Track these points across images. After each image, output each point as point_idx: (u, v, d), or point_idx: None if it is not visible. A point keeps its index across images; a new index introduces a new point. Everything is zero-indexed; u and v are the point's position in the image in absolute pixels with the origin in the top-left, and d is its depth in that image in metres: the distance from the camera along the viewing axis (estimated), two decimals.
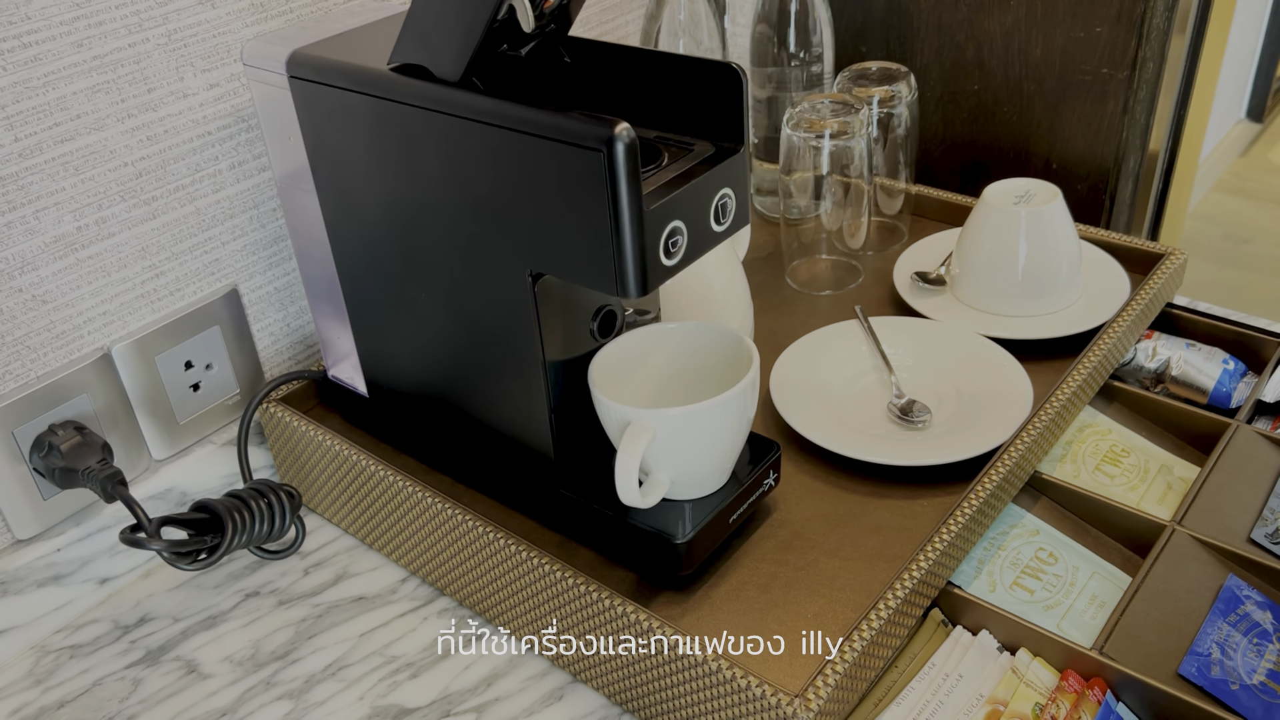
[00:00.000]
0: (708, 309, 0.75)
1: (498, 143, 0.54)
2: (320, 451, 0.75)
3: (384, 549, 0.75)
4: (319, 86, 0.62)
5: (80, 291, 0.71)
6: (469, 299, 0.62)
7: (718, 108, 0.59)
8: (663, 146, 0.59)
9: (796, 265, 0.95)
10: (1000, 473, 0.68)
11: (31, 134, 0.65)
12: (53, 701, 0.68)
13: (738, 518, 0.64)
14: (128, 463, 0.75)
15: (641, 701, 0.62)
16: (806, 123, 0.89)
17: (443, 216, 0.60)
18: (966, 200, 1.00)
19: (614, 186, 0.50)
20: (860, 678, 0.59)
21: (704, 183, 0.56)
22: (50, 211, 0.68)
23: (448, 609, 0.72)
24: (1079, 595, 0.67)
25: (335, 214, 0.68)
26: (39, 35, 0.64)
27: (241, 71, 0.75)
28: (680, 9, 0.96)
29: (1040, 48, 1.02)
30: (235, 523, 0.70)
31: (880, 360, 0.80)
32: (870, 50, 1.12)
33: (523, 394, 0.63)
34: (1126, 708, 0.61)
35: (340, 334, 0.75)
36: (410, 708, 0.65)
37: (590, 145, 0.50)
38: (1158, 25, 0.98)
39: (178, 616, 0.73)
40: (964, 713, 0.61)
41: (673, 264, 0.55)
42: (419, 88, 0.57)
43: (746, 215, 0.60)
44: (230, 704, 0.67)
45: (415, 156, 0.60)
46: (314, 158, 0.66)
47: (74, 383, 0.71)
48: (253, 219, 0.79)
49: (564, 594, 0.62)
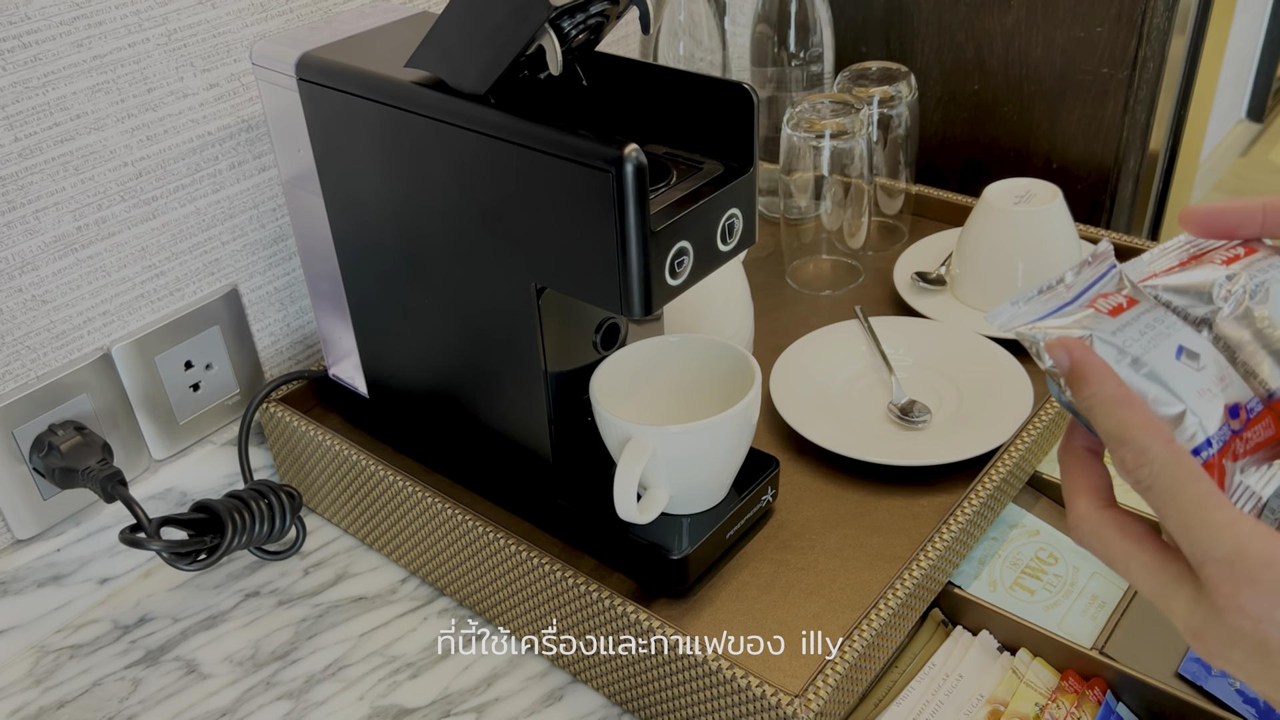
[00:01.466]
0: (708, 309, 0.75)
1: (507, 157, 0.54)
2: (320, 452, 0.75)
3: (384, 549, 0.75)
4: (328, 90, 0.62)
5: (80, 291, 0.71)
6: (472, 307, 0.62)
7: (728, 127, 0.58)
8: (671, 164, 0.59)
9: (797, 265, 0.95)
10: (1000, 473, 0.68)
11: (31, 134, 0.65)
12: (52, 701, 0.68)
13: (735, 533, 0.65)
14: (127, 463, 0.75)
15: (641, 702, 0.62)
16: (806, 123, 0.89)
17: (449, 225, 0.60)
18: (967, 200, 1.00)
19: (621, 207, 0.50)
20: (860, 678, 0.59)
21: (712, 203, 0.56)
22: (50, 211, 0.68)
23: (448, 609, 0.72)
24: (1079, 595, 0.67)
25: (340, 216, 0.68)
26: (39, 35, 0.64)
27: (242, 71, 0.75)
28: (680, 9, 0.96)
29: (1040, 47, 1.01)
30: (235, 523, 0.70)
31: (880, 360, 0.80)
32: (870, 50, 1.12)
33: (523, 402, 0.63)
34: (1127, 708, 0.61)
35: (342, 333, 0.75)
36: (410, 708, 0.65)
37: (599, 165, 0.50)
38: (1158, 25, 0.98)
39: (177, 617, 0.73)
40: (964, 713, 0.61)
41: (678, 284, 0.55)
42: (430, 98, 0.57)
43: (753, 235, 0.60)
44: (230, 704, 0.66)
45: (423, 165, 0.59)
46: (321, 160, 0.66)
47: (74, 382, 0.71)
48: (253, 219, 0.79)
49: (564, 594, 0.62)
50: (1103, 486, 0.40)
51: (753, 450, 0.66)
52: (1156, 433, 0.35)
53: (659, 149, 0.61)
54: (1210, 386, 0.38)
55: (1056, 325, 0.39)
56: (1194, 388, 0.37)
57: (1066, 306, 0.40)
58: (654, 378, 0.67)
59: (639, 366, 0.66)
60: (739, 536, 0.65)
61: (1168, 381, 0.37)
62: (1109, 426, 0.36)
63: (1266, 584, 0.33)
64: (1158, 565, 0.37)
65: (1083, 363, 0.37)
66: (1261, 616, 0.33)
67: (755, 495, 0.65)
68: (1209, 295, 0.40)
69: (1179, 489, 0.35)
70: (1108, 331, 0.38)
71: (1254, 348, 0.39)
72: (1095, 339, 0.38)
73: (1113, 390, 0.36)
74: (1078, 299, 0.40)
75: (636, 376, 0.66)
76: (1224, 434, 0.37)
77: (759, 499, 0.66)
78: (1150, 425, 0.35)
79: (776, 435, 0.75)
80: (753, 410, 0.61)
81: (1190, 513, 0.34)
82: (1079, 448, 0.41)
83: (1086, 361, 0.37)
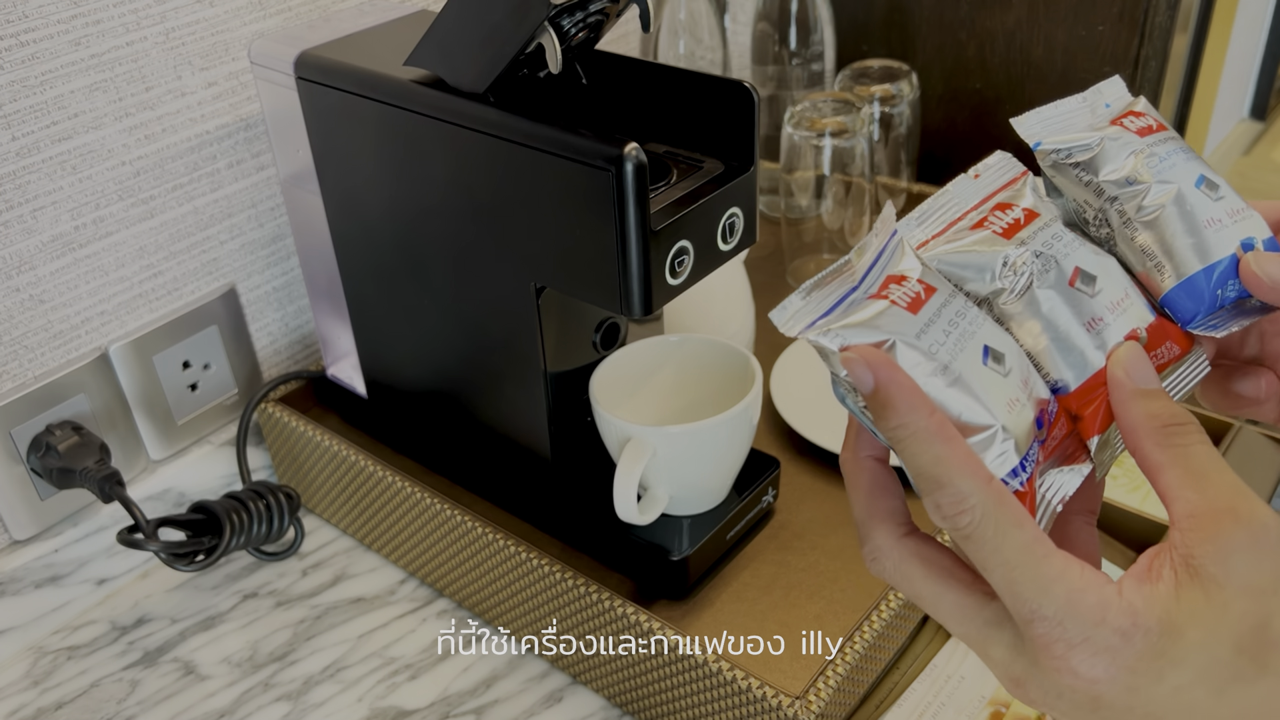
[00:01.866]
0: (709, 308, 0.75)
1: (506, 156, 0.54)
2: (319, 452, 0.74)
3: (383, 550, 0.75)
4: (327, 89, 0.62)
5: (78, 291, 0.70)
6: (471, 306, 0.62)
7: (728, 126, 0.58)
8: (672, 162, 0.58)
9: (798, 264, 0.95)
10: None
11: (29, 133, 0.65)
12: (50, 703, 0.67)
13: (736, 534, 0.64)
14: (125, 463, 0.75)
15: (642, 703, 0.61)
16: (807, 121, 0.88)
17: (448, 224, 0.60)
18: None
19: (621, 206, 0.50)
20: (861, 679, 0.59)
21: (712, 203, 0.55)
22: (48, 210, 0.67)
23: (447, 610, 0.71)
24: None
25: (339, 215, 0.67)
26: (36, 34, 0.63)
27: (240, 70, 0.75)
28: (680, 7, 0.96)
29: (1042, 46, 1.01)
30: (233, 524, 0.69)
31: None
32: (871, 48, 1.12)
33: (523, 402, 0.63)
34: None
35: (341, 332, 0.75)
36: (409, 709, 0.65)
37: (599, 164, 0.50)
38: (1160, 24, 0.97)
39: (175, 618, 0.73)
40: (966, 715, 0.61)
41: (678, 283, 0.55)
42: (429, 96, 0.57)
43: (754, 234, 0.59)
44: (228, 705, 0.66)
45: (422, 164, 0.59)
46: (319, 159, 0.66)
47: (71, 383, 0.70)
48: (251, 218, 0.79)
49: (564, 595, 0.61)
50: (900, 508, 0.36)
51: (753, 451, 0.65)
52: (974, 472, 0.31)
53: (659, 148, 0.60)
54: (1018, 395, 0.33)
55: (850, 326, 0.33)
56: (1004, 399, 0.33)
57: (853, 294, 0.34)
58: (654, 378, 0.66)
59: (639, 366, 0.66)
60: (740, 537, 0.65)
61: (978, 392, 0.33)
62: (921, 464, 0.32)
63: (1100, 644, 0.30)
64: (972, 607, 0.33)
65: (888, 384, 0.32)
66: (1097, 678, 0.30)
67: (756, 496, 0.65)
68: (991, 274, 0.35)
69: (1003, 539, 0.31)
70: (911, 334, 0.33)
71: (1041, 336, 0.35)
72: (898, 344, 0.32)
73: (925, 421, 0.31)
74: (863, 281, 0.34)
75: (636, 376, 0.65)
76: (1034, 452, 0.33)
77: (760, 500, 0.65)
78: (968, 464, 0.31)
79: (777, 436, 0.75)
80: (753, 411, 0.61)
81: (1016, 566, 0.31)
82: (867, 460, 0.36)
83: (894, 382, 0.32)
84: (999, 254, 0.35)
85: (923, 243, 0.37)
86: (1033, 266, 0.35)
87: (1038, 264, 0.35)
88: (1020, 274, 0.35)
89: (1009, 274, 0.35)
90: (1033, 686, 0.32)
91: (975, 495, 0.31)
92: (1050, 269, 0.35)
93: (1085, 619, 0.30)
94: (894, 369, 0.32)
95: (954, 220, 0.37)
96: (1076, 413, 0.35)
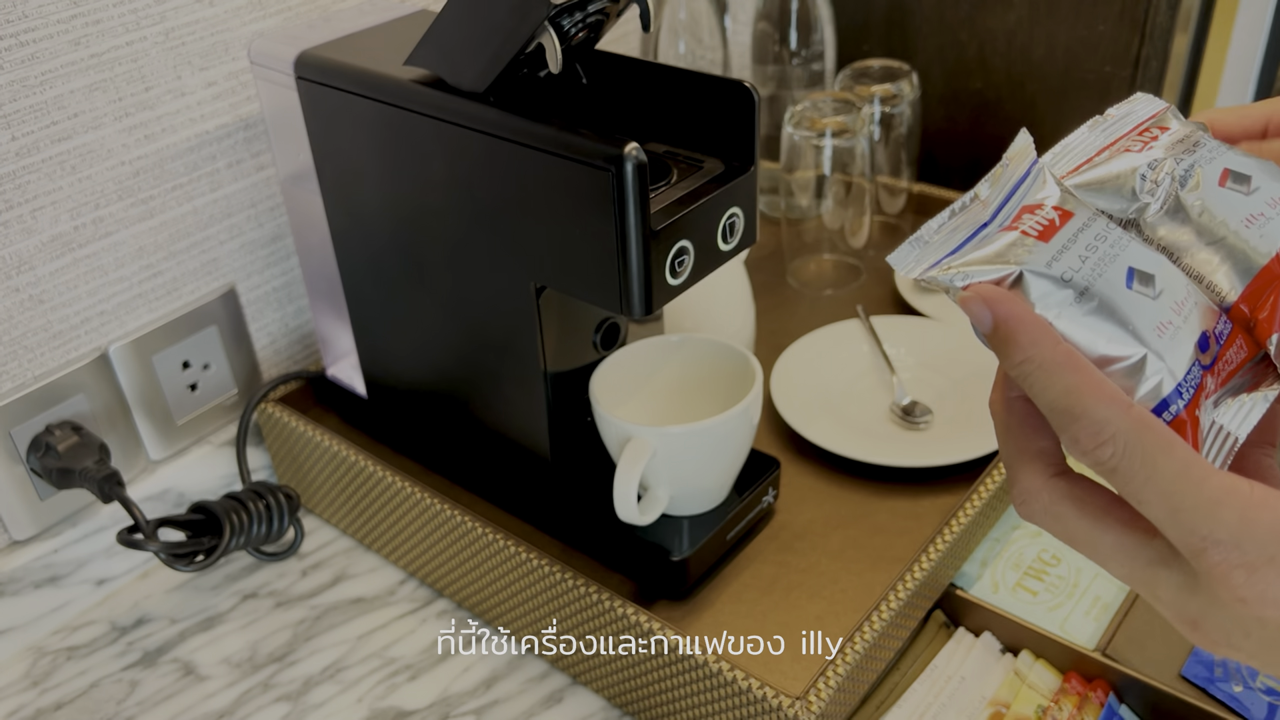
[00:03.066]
0: (709, 308, 0.75)
1: (506, 156, 0.54)
2: (319, 452, 0.74)
3: (383, 550, 0.75)
4: (327, 88, 0.62)
5: (77, 291, 0.70)
6: (471, 306, 0.62)
7: (729, 125, 0.58)
8: (672, 162, 0.58)
9: (798, 264, 0.95)
10: (1003, 473, 0.67)
11: (28, 133, 0.65)
12: (50, 703, 0.67)
13: (736, 534, 0.64)
14: (125, 463, 0.75)
15: (642, 704, 0.61)
16: (808, 121, 0.88)
17: (448, 224, 0.60)
18: None
19: (621, 206, 0.50)
20: (862, 679, 0.59)
21: (712, 202, 0.55)
22: (47, 210, 0.67)
23: (447, 610, 0.71)
24: (1082, 597, 0.66)
25: (339, 215, 0.67)
26: (36, 34, 0.63)
27: (240, 69, 0.75)
28: (680, 7, 0.96)
29: (1043, 46, 1.01)
30: (233, 524, 0.69)
31: (882, 360, 0.80)
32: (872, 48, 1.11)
33: (523, 402, 0.63)
34: (1129, 709, 0.61)
35: (340, 333, 0.75)
36: (409, 710, 0.65)
37: (599, 164, 0.50)
38: (1160, 24, 0.97)
39: (175, 618, 0.73)
40: (966, 715, 0.61)
41: (678, 283, 0.55)
42: (429, 96, 0.56)
43: (754, 234, 0.59)
44: (228, 706, 0.66)
45: (422, 164, 0.59)
46: (319, 158, 0.66)
47: (71, 383, 0.70)
48: (250, 218, 0.79)
49: (564, 595, 0.61)
50: (1051, 449, 0.33)
51: (753, 451, 0.65)
52: (1111, 399, 0.29)
53: (659, 147, 0.60)
54: (1171, 318, 0.30)
55: (974, 263, 0.31)
56: (1152, 323, 0.30)
57: (983, 230, 0.32)
58: (654, 378, 0.66)
59: (639, 366, 0.66)
60: (740, 538, 0.65)
61: (1122, 317, 0.30)
62: (1052, 398, 0.29)
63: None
64: (1132, 547, 0.30)
65: (1008, 319, 0.30)
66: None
67: (756, 496, 0.65)
68: (1131, 191, 0.33)
69: (1153, 468, 0.28)
70: (1040, 263, 0.30)
71: (1199, 247, 0.32)
72: (1026, 275, 0.30)
73: (1050, 353, 0.29)
74: (997, 216, 0.32)
75: (636, 376, 0.65)
76: (1194, 377, 0.30)
77: (760, 500, 0.65)
78: (1103, 391, 0.29)
79: (777, 436, 0.75)
80: (754, 411, 0.61)
81: (1175, 494, 0.28)
82: (1016, 400, 0.33)
83: (1013, 317, 0.30)
84: (1136, 168, 0.33)
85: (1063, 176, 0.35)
86: (1175, 172, 0.33)
87: (1180, 168, 0.33)
88: (1161, 183, 0.33)
89: (1150, 187, 0.33)
90: (1212, 627, 0.29)
91: (1115, 423, 0.28)
92: (1193, 174, 0.33)
93: (1266, 537, 0.27)
94: (1014, 303, 0.30)
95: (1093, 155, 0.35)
96: (1251, 317, 0.32)
